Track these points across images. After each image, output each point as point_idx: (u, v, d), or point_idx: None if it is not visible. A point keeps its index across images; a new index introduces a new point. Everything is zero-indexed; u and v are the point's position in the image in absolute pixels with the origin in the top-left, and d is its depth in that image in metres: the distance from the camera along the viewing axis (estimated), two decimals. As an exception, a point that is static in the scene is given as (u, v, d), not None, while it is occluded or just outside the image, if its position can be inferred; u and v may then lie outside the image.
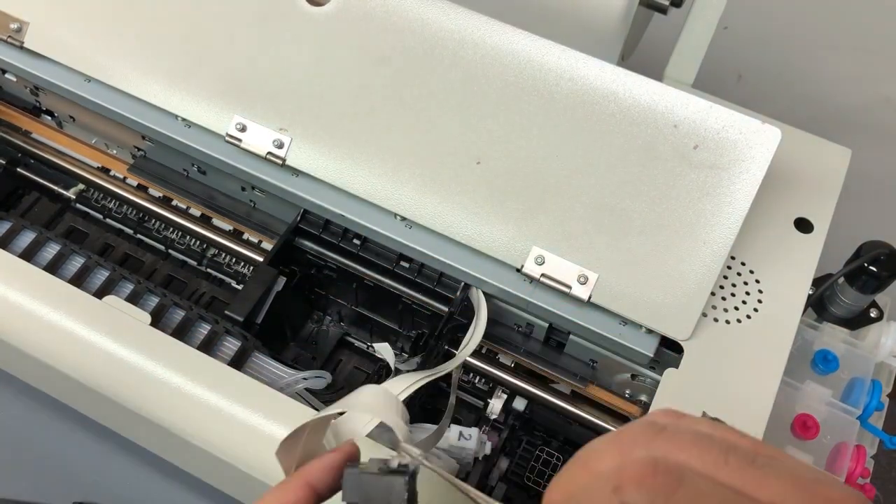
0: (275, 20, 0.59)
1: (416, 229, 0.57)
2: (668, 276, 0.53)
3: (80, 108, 0.65)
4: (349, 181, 0.58)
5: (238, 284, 0.67)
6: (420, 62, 0.57)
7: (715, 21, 0.68)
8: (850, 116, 1.04)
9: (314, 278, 0.64)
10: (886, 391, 0.62)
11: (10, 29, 0.62)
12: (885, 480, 1.30)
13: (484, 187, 0.56)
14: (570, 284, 0.54)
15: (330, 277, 0.63)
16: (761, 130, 0.53)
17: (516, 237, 0.55)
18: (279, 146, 0.58)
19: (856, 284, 0.61)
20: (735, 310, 0.55)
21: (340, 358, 0.68)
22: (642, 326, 0.54)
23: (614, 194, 0.54)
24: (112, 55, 0.61)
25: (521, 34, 0.56)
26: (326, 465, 0.36)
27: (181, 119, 0.60)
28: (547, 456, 0.59)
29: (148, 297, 0.59)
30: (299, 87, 0.59)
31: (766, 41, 1.09)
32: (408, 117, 0.57)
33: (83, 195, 0.70)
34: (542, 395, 0.59)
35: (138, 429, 0.55)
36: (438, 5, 0.57)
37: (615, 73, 0.55)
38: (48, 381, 0.58)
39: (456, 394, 0.54)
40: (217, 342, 0.57)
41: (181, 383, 0.50)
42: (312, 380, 0.56)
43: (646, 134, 0.54)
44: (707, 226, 0.53)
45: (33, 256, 0.60)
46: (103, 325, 0.52)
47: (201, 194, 0.66)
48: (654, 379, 0.57)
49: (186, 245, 0.68)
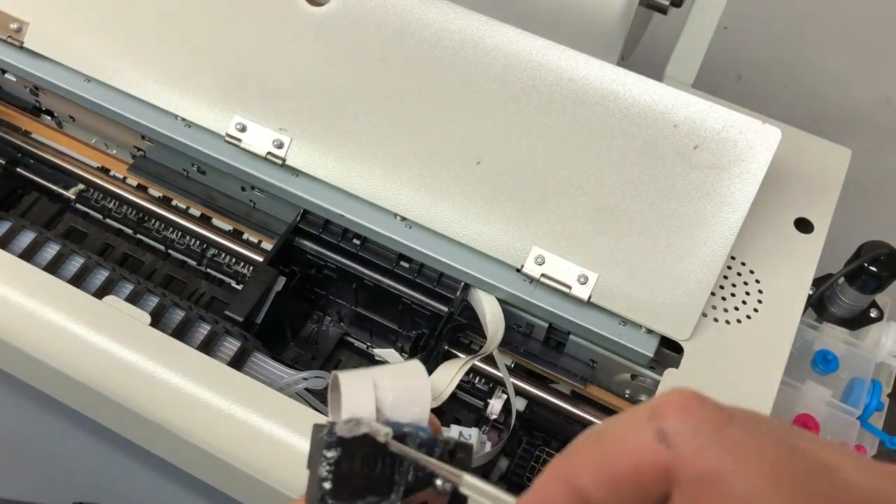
0: (275, 20, 0.59)
1: (416, 229, 0.57)
2: (668, 276, 0.53)
3: (79, 108, 0.65)
4: (349, 181, 0.57)
5: (238, 284, 0.67)
6: (420, 62, 0.57)
7: (715, 21, 0.68)
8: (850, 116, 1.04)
9: (314, 278, 0.64)
10: (886, 391, 0.62)
11: (10, 29, 0.62)
12: (885, 480, 1.30)
13: (484, 187, 0.56)
14: (570, 284, 0.54)
15: (330, 277, 0.63)
16: (761, 130, 0.53)
17: (516, 237, 0.55)
18: (279, 146, 0.58)
19: (856, 284, 0.61)
20: (735, 310, 0.55)
21: (340, 358, 0.68)
22: (642, 326, 0.54)
23: (614, 194, 0.54)
24: (112, 55, 0.61)
25: (521, 34, 0.56)
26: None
27: (181, 119, 0.60)
28: (547, 456, 0.59)
29: (148, 297, 0.59)
30: (299, 87, 0.59)
31: (766, 41, 1.09)
32: (408, 117, 0.57)
33: (83, 195, 0.70)
34: (542, 395, 0.59)
35: (138, 429, 0.55)
36: (438, 5, 0.57)
37: (615, 73, 0.55)
38: (48, 382, 0.58)
39: (506, 373, 0.56)
40: (217, 342, 0.57)
41: (181, 383, 0.50)
42: (312, 380, 0.56)
43: (646, 134, 0.54)
44: (707, 226, 0.53)
45: (33, 256, 0.60)
46: (103, 325, 0.52)
47: (201, 194, 0.66)
48: (654, 379, 0.57)
49: (186, 245, 0.68)
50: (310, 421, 0.49)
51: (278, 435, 0.49)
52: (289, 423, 0.49)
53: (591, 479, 0.22)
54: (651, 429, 0.22)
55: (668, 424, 0.22)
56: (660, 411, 0.22)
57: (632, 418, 0.23)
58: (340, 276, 0.63)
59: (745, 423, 0.21)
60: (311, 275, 0.64)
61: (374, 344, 0.67)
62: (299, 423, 0.49)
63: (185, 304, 0.59)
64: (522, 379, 0.59)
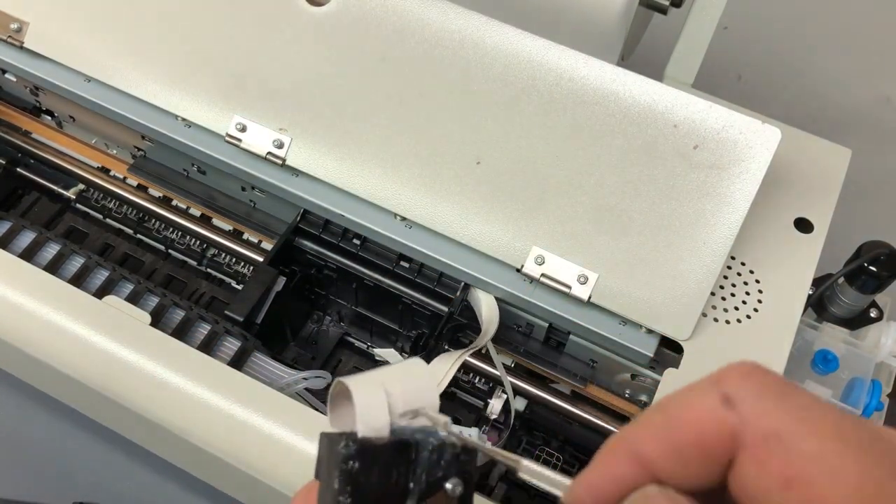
0: (275, 20, 0.59)
1: (416, 229, 0.57)
2: (668, 276, 0.53)
3: (80, 108, 0.65)
4: (349, 181, 0.58)
5: (238, 284, 0.67)
6: (420, 62, 0.57)
7: (715, 21, 0.68)
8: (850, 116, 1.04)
9: (314, 278, 0.64)
10: (886, 391, 0.62)
11: (10, 29, 0.62)
12: (885, 480, 1.30)
13: (484, 187, 0.56)
14: (570, 284, 0.54)
15: (330, 277, 0.63)
16: (761, 130, 0.53)
17: (516, 237, 0.55)
18: (279, 146, 0.58)
19: (856, 284, 0.61)
20: (735, 310, 0.55)
21: (340, 358, 0.68)
22: (642, 326, 0.54)
23: (614, 194, 0.54)
24: (112, 55, 0.61)
25: (521, 34, 0.56)
26: None
27: (181, 119, 0.60)
28: (546, 456, 0.59)
29: (148, 297, 0.59)
30: (299, 86, 0.59)
31: (766, 41, 1.09)
32: (408, 117, 0.57)
33: (83, 195, 0.70)
34: (542, 394, 0.59)
35: (138, 429, 0.55)
36: (438, 5, 0.57)
37: (615, 73, 0.55)
38: (48, 381, 0.58)
39: (504, 371, 0.56)
40: (217, 342, 0.57)
41: (181, 383, 0.50)
42: (312, 380, 0.56)
43: (646, 134, 0.54)
44: (707, 226, 0.53)
45: (33, 256, 0.60)
46: (103, 325, 0.52)
47: (201, 194, 0.66)
48: (654, 379, 0.57)
49: (186, 245, 0.68)
50: (310, 421, 0.49)
51: (278, 435, 0.49)
52: (289, 423, 0.49)
53: (655, 446, 0.22)
54: (716, 393, 0.22)
55: (731, 389, 0.22)
56: (723, 378, 0.22)
57: (695, 387, 0.23)
58: (340, 276, 0.63)
59: (808, 393, 0.22)
60: (311, 275, 0.64)
61: (374, 344, 0.68)
62: (299, 423, 0.49)
63: (185, 304, 0.59)
64: (522, 379, 0.59)
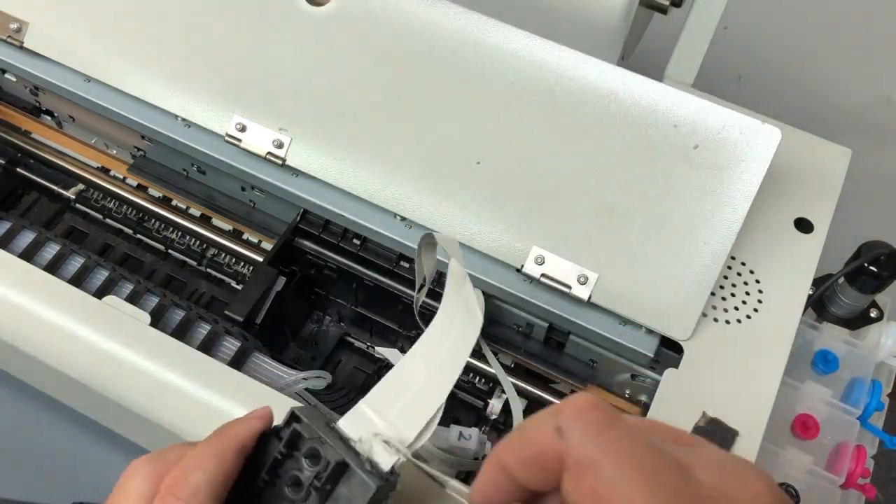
0: (275, 20, 0.59)
1: (416, 229, 0.57)
2: (668, 276, 0.53)
3: (79, 108, 0.65)
4: (349, 181, 0.58)
5: (238, 284, 0.67)
6: (420, 62, 0.57)
7: (715, 21, 0.68)
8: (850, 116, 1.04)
9: (314, 278, 0.64)
10: (886, 391, 0.62)
11: (10, 29, 0.62)
12: (885, 480, 1.30)
13: (484, 187, 0.56)
14: (570, 284, 0.54)
15: (330, 277, 0.63)
16: (761, 130, 0.53)
17: (516, 237, 0.55)
18: (279, 146, 0.58)
19: (856, 284, 0.61)
20: (735, 310, 0.55)
21: (340, 358, 0.68)
22: (642, 326, 0.54)
23: (614, 194, 0.54)
24: (112, 55, 0.61)
25: (522, 34, 0.56)
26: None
27: (181, 119, 0.60)
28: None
29: (148, 297, 0.59)
30: (299, 87, 0.59)
31: (766, 41, 1.09)
32: (408, 117, 0.57)
33: (83, 195, 0.70)
34: (542, 395, 0.59)
35: (138, 429, 0.55)
36: (438, 5, 0.57)
37: (615, 72, 0.55)
38: (48, 381, 0.58)
39: (501, 370, 0.56)
40: (217, 342, 0.57)
41: (181, 383, 0.50)
42: (312, 380, 0.56)
43: (646, 134, 0.54)
44: (707, 226, 0.53)
45: (33, 256, 0.60)
46: (103, 325, 0.52)
47: (201, 194, 0.66)
48: (654, 379, 0.57)
49: (186, 245, 0.68)
50: (310, 421, 0.49)
51: (278, 435, 0.49)
52: (289, 423, 0.49)
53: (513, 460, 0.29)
54: (552, 423, 0.28)
55: (563, 422, 0.28)
56: (560, 411, 0.28)
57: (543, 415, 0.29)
58: (340, 276, 0.63)
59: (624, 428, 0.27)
60: (311, 275, 0.64)
61: (374, 344, 0.68)
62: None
63: (185, 304, 0.59)
64: (522, 379, 0.59)
